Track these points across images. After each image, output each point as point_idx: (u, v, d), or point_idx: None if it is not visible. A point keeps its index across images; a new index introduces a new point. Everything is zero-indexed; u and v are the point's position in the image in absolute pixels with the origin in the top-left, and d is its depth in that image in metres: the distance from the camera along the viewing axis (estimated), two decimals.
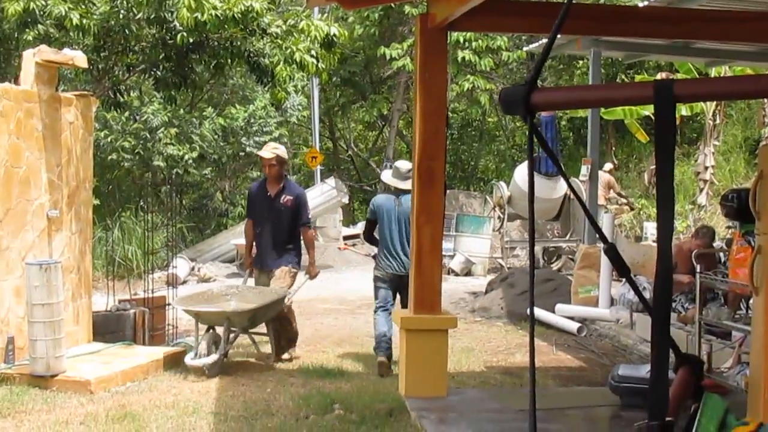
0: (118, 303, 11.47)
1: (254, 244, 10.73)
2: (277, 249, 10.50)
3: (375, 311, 10.02)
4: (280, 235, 10.48)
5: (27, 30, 11.59)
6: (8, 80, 10.91)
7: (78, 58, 10.27)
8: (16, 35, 12.03)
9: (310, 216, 10.96)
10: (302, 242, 10.74)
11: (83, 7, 11.60)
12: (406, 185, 9.54)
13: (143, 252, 16.93)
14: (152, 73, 13.00)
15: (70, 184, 10.43)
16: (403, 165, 10.11)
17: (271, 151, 10.66)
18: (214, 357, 9.44)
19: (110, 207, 21.44)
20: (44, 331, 8.68)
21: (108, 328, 10.69)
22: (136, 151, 23.01)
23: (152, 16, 11.87)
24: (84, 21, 11.34)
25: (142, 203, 20.83)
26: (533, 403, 2.47)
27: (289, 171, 10.26)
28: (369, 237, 10.51)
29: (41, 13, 11.36)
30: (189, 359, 9.48)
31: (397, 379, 8.54)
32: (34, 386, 8.63)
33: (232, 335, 9.82)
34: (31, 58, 9.85)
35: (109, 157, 22.64)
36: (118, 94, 13.37)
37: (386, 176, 10.53)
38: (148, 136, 23.26)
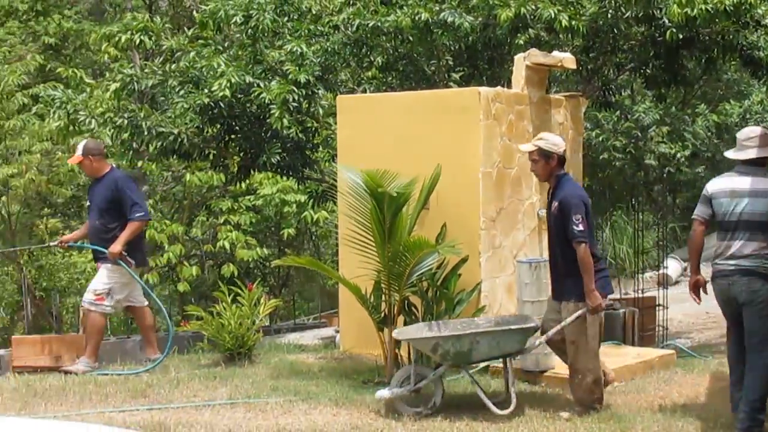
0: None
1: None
2: (558, 273, 7.88)
3: None
4: (557, 255, 7.86)
5: (518, 34, 11.95)
6: (501, 84, 11.30)
7: (567, 59, 10.44)
8: (508, 40, 12.42)
9: (580, 227, 7.53)
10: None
11: (572, 8, 11.77)
12: (742, 155, 7.30)
13: (634, 251, 16.94)
14: (641, 71, 12.95)
15: None
16: (741, 133, 7.52)
17: (533, 142, 7.90)
18: (396, 390, 7.66)
19: (601, 206, 21.58)
20: None
21: None
22: (628, 150, 22.94)
23: (640, 14, 11.83)
24: (573, 22, 11.49)
25: (633, 202, 20.88)
26: None
27: (564, 169, 7.91)
28: None
29: (532, 17, 11.65)
30: (382, 391, 7.75)
31: None
32: (523, 381, 8.83)
33: (440, 369, 7.80)
34: (521, 62, 10.16)
35: (601, 157, 22.80)
36: (607, 94, 13.45)
37: (729, 153, 7.53)
38: (640, 134, 23.14)
